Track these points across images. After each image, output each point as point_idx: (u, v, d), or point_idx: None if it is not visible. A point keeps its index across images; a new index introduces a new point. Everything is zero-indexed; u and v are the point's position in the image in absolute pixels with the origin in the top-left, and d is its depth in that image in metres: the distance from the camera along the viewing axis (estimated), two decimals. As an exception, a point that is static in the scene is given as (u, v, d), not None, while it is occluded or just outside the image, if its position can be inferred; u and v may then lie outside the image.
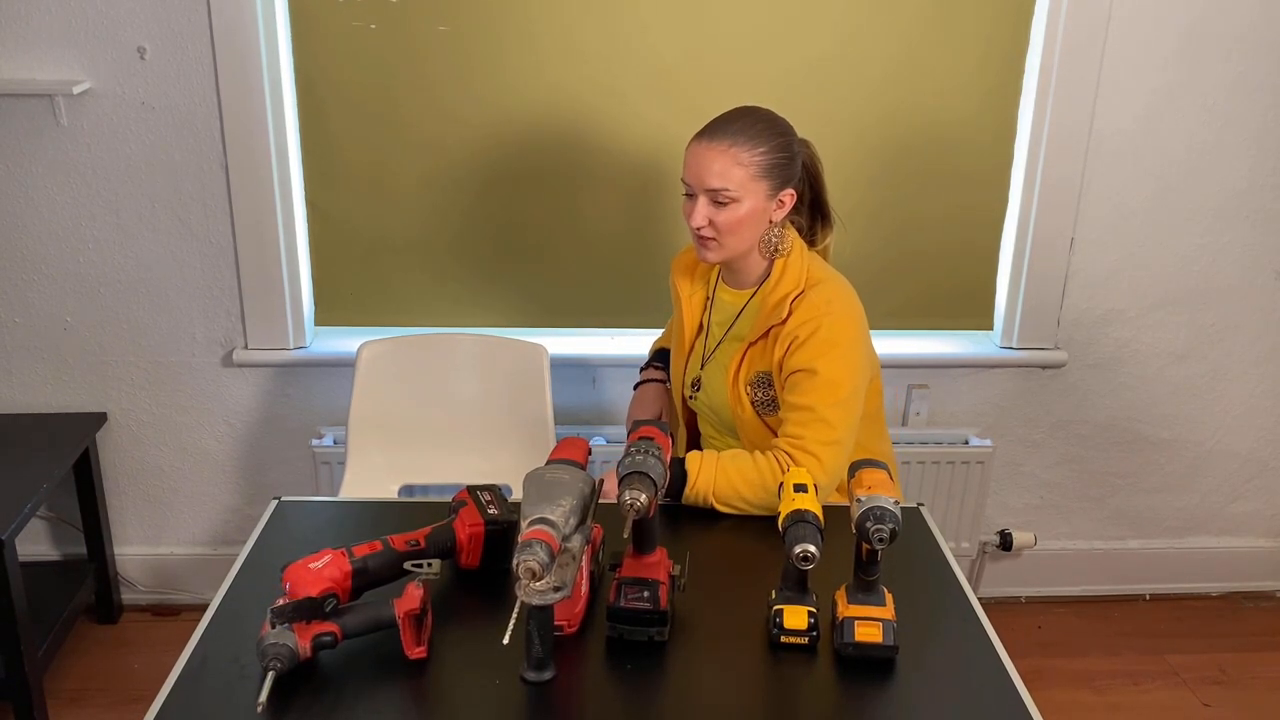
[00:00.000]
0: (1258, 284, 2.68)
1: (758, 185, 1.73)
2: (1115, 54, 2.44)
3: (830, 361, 1.73)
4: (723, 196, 1.73)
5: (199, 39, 2.32)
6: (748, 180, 1.72)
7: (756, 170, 1.73)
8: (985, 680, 1.38)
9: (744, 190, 1.73)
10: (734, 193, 1.72)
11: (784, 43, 2.40)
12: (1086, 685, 2.62)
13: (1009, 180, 2.56)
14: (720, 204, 1.74)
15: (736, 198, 1.73)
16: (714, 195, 1.73)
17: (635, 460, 1.37)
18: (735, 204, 1.73)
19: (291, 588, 1.33)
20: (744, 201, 1.73)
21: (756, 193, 1.74)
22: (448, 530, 1.52)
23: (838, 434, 1.73)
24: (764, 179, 1.74)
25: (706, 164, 1.73)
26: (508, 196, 2.50)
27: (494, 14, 2.35)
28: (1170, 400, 2.78)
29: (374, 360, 2.43)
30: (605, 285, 2.59)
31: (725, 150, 1.72)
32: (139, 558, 2.79)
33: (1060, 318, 2.66)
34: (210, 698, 1.31)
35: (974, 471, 2.67)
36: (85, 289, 2.52)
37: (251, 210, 2.45)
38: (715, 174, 1.72)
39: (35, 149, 2.40)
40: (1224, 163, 2.56)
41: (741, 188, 1.72)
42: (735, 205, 1.73)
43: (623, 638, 1.41)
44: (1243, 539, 2.96)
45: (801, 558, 1.33)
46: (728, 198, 1.73)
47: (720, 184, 1.72)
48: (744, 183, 1.72)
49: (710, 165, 1.72)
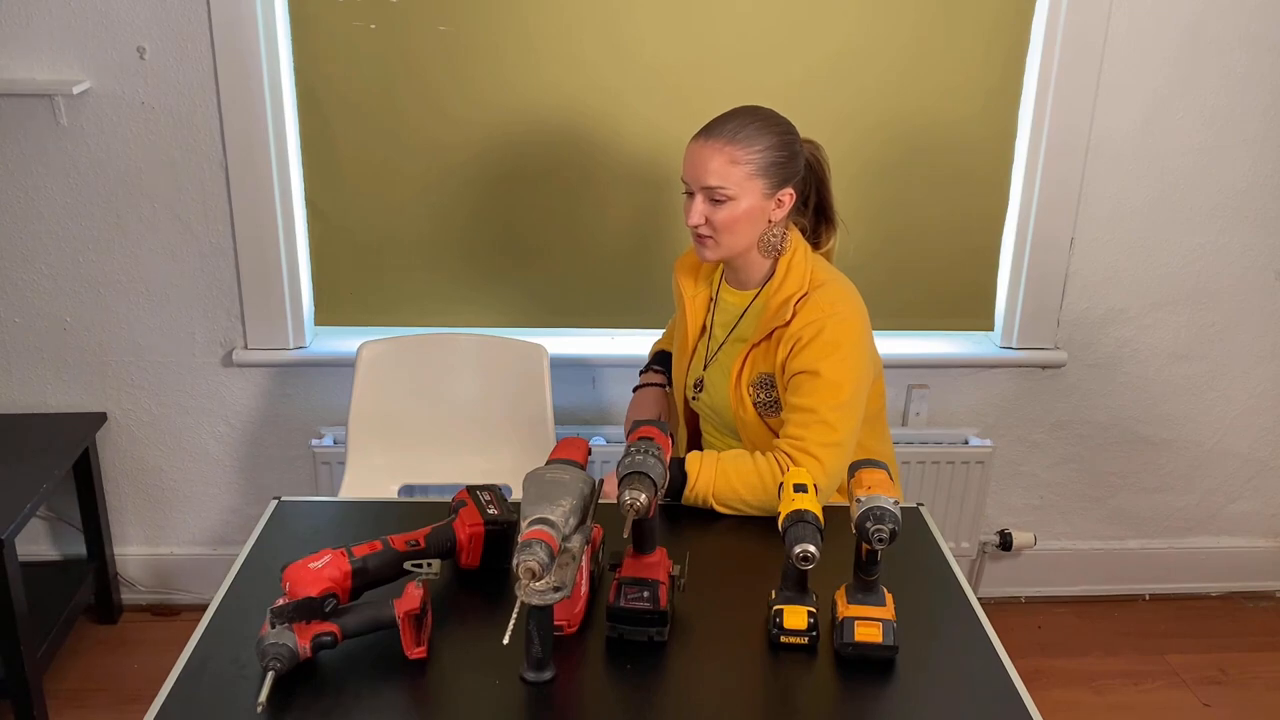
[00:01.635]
0: (1258, 284, 2.68)
1: (754, 183, 1.73)
2: (1115, 54, 2.44)
3: (833, 364, 1.72)
4: (719, 194, 1.73)
5: (199, 39, 2.32)
6: (744, 178, 1.72)
7: (753, 168, 1.72)
8: (985, 680, 1.38)
9: (740, 188, 1.72)
10: (730, 190, 1.72)
11: (784, 43, 2.40)
12: (1086, 685, 2.61)
13: (1009, 180, 2.56)
14: (717, 202, 1.73)
15: (733, 195, 1.73)
16: (710, 193, 1.73)
17: (635, 460, 1.37)
18: (732, 202, 1.73)
19: (291, 588, 1.33)
20: (740, 200, 1.73)
21: (753, 191, 1.73)
22: (448, 530, 1.52)
23: (839, 436, 1.73)
24: (760, 177, 1.73)
25: (703, 162, 1.73)
26: (508, 196, 2.50)
27: (494, 14, 2.35)
28: (1170, 400, 2.78)
29: (374, 360, 2.43)
30: (605, 285, 2.59)
31: (721, 148, 1.72)
32: (139, 558, 2.79)
33: (1060, 318, 2.66)
34: (210, 698, 1.31)
35: (974, 471, 2.67)
36: (85, 289, 2.52)
37: (251, 210, 2.45)
38: (711, 172, 1.72)
39: (35, 149, 2.40)
40: (1224, 163, 2.56)
41: (738, 186, 1.72)
42: (732, 203, 1.73)
43: (622, 638, 1.41)
44: (1242, 539, 2.96)
45: (801, 558, 1.33)
46: (724, 195, 1.73)
47: (716, 182, 1.72)
48: (740, 181, 1.72)
49: (707, 163, 1.72)
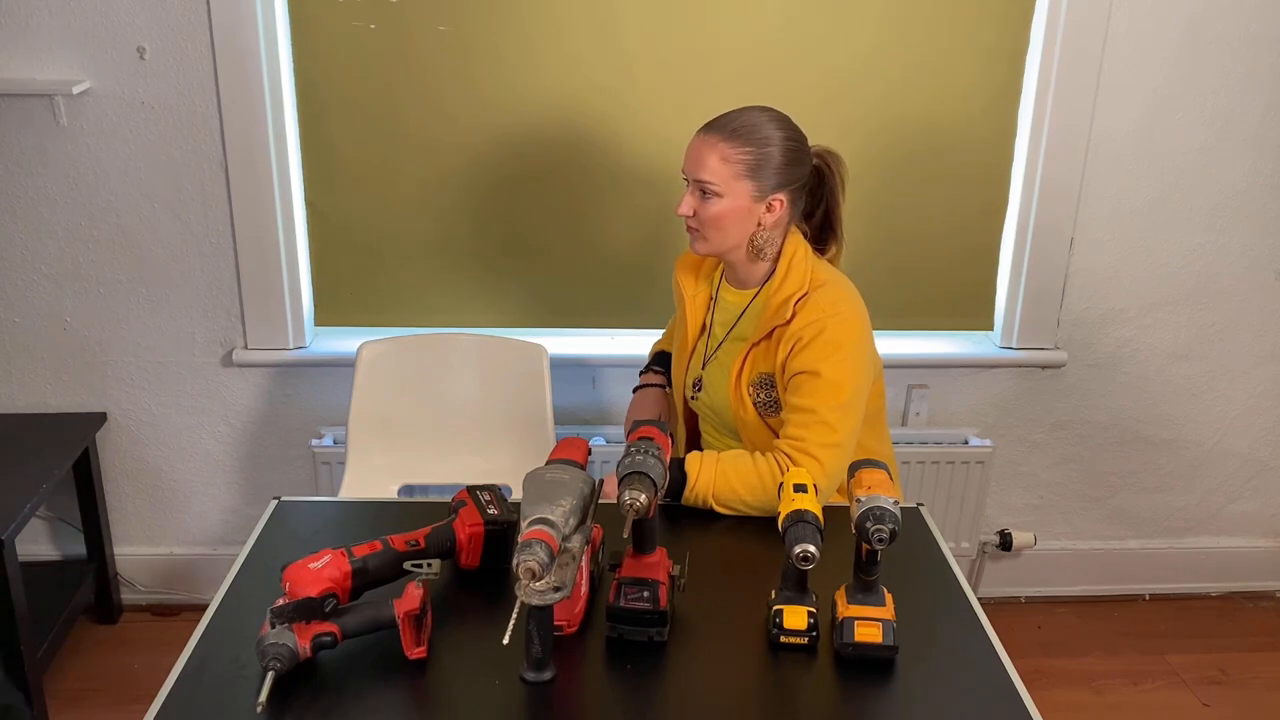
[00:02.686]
0: (1258, 284, 2.68)
1: (740, 184, 1.74)
2: (1115, 54, 2.43)
3: (834, 364, 1.72)
4: (708, 188, 1.75)
5: (199, 39, 2.32)
6: (730, 178, 1.73)
7: (740, 169, 1.73)
8: (985, 680, 1.38)
9: (726, 187, 1.74)
10: (717, 187, 1.74)
11: (785, 44, 2.40)
12: (1086, 685, 2.61)
13: (1009, 180, 2.56)
14: (706, 196, 1.76)
15: (719, 193, 1.74)
16: (701, 186, 1.76)
17: (635, 460, 1.37)
18: (718, 199, 1.75)
19: (291, 588, 1.33)
20: (725, 198, 1.74)
21: (739, 192, 1.74)
22: (448, 530, 1.52)
23: (839, 437, 1.73)
24: (749, 178, 1.74)
25: (698, 154, 1.75)
26: (508, 196, 2.50)
27: (494, 14, 2.35)
28: (1170, 400, 2.78)
29: (374, 360, 2.43)
30: (605, 285, 2.59)
31: (716, 144, 1.73)
32: (139, 558, 2.79)
33: (1060, 318, 2.66)
34: (210, 698, 1.31)
35: (974, 471, 2.67)
36: (85, 289, 2.52)
37: (251, 210, 2.45)
38: (703, 165, 1.74)
39: (35, 149, 2.40)
40: (1224, 163, 2.55)
41: (724, 184, 1.74)
42: (718, 200, 1.75)
43: (622, 638, 1.41)
44: (1243, 539, 2.96)
45: (801, 558, 1.33)
46: (712, 191, 1.75)
47: (706, 176, 1.74)
48: (727, 180, 1.73)
49: (701, 156, 1.75)
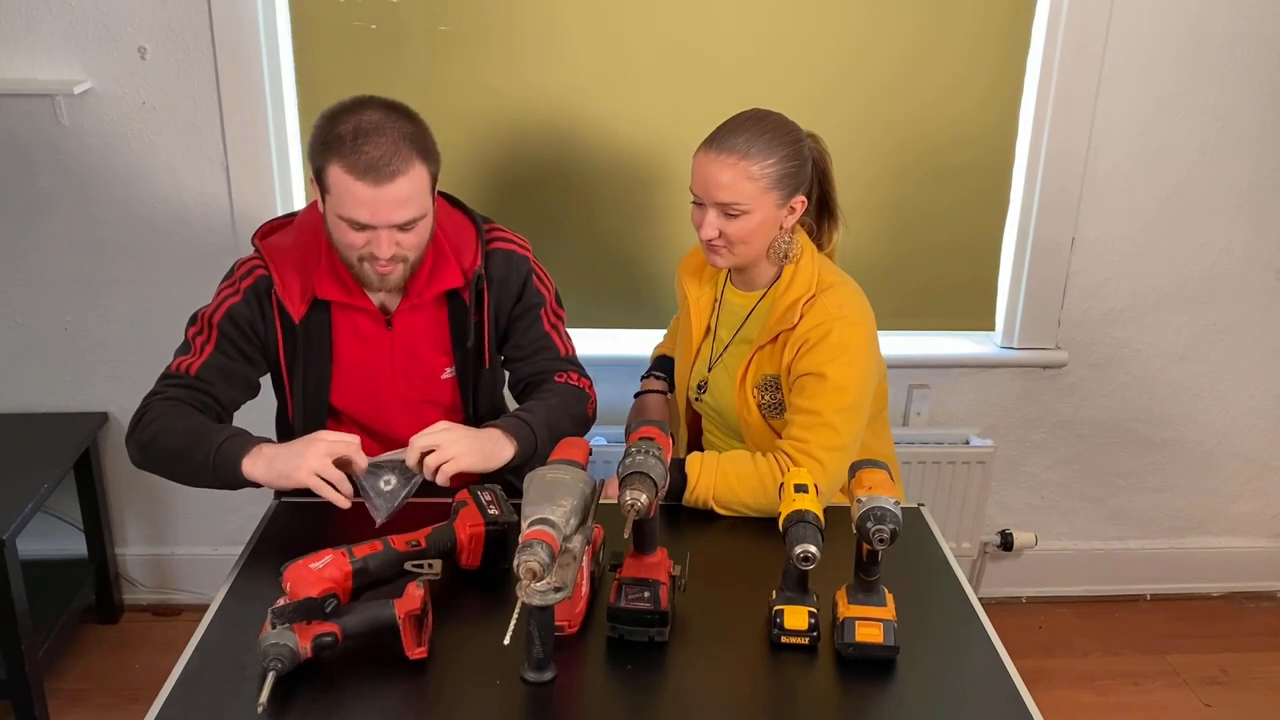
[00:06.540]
0: (1258, 284, 2.68)
1: (768, 197, 1.71)
2: (1115, 54, 2.43)
3: (839, 367, 1.72)
4: (733, 209, 1.70)
5: (199, 39, 2.32)
6: (758, 193, 1.70)
7: (767, 183, 1.70)
8: (985, 680, 1.38)
9: (755, 203, 1.70)
10: (745, 206, 1.70)
11: (785, 45, 2.40)
12: (1087, 685, 2.61)
13: (1010, 180, 2.56)
14: (731, 216, 1.71)
15: (747, 210, 1.70)
16: (724, 208, 1.71)
17: (636, 460, 1.37)
18: (746, 216, 1.71)
19: (292, 588, 1.34)
20: (755, 213, 1.71)
21: (767, 204, 1.72)
22: (448, 530, 1.52)
23: (842, 439, 1.72)
24: (775, 190, 1.71)
25: (715, 177, 1.70)
26: (508, 196, 2.49)
27: (494, 14, 2.35)
28: (1171, 400, 2.78)
29: (374, 360, 2.42)
30: (605, 285, 2.59)
31: (734, 164, 1.69)
32: (139, 557, 2.79)
33: (1061, 318, 2.66)
34: (210, 698, 1.31)
35: (974, 471, 2.67)
36: (85, 289, 2.52)
37: (252, 210, 2.44)
38: (725, 187, 1.69)
39: (35, 149, 2.39)
40: (1224, 163, 2.55)
41: (752, 200, 1.70)
42: (746, 217, 1.71)
43: (623, 638, 1.41)
44: (1243, 539, 2.96)
45: (802, 558, 1.33)
46: (739, 210, 1.70)
47: (730, 198, 1.70)
48: (755, 196, 1.70)
49: (719, 179, 1.70)
